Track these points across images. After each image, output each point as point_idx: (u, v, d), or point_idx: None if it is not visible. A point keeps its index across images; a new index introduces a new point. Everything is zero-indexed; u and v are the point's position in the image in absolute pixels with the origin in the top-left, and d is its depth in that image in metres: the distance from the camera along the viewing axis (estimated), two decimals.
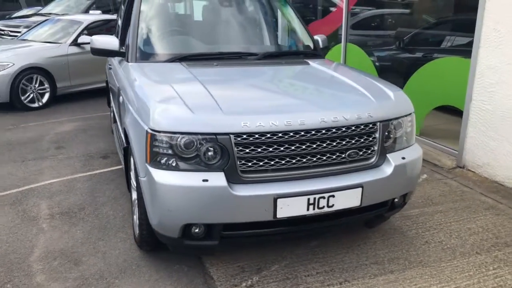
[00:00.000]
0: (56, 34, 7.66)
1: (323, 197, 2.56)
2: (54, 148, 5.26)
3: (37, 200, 3.83)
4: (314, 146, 2.60)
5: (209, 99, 2.65)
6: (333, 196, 2.58)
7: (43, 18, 9.69)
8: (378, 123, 2.76)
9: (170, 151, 2.47)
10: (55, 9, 11.53)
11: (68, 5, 11.54)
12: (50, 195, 3.94)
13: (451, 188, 4.23)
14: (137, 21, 3.69)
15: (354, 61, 6.57)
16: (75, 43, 7.36)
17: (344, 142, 2.67)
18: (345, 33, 6.67)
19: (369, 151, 2.78)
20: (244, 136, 2.48)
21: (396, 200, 2.99)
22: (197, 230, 2.56)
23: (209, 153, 2.47)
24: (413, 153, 2.95)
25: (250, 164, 2.51)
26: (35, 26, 8.40)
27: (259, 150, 2.51)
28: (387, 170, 2.78)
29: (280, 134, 2.53)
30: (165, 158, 2.48)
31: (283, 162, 2.56)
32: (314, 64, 3.62)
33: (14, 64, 6.74)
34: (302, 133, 2.57)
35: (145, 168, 2.55)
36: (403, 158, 2.85)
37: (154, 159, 2.50)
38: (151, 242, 2.88)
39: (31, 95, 7.01)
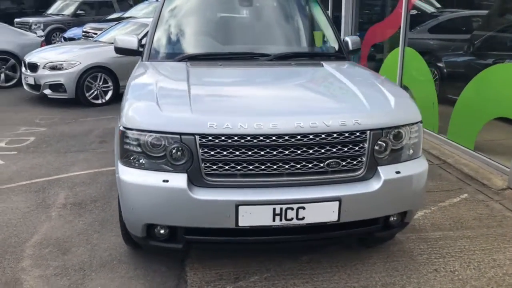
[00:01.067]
0: None
1: (291, 208, 2.36)
2: (97, 142, 5.55)
3: (59, 190, 4.05)
4: (287, 152, 2.41)
5: (185, 99, 2.58)
6: (303, 208, 2.37)
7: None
8: (368, 131, 2.49)
9: (139, 149, 2.44)
10: (137, 13, 12.26)
11: (149, 9, 12.19)
12: (72, 185, 4.15)
13: (491, 211, 3.71)
14: (156, 21, 3.74)
15: (411, 66, 6.09)
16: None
17: (323, 151, 2.44)
18: (403, 37, 6.21)
19: (355, 162, 2.51)
20: (210, 138, 2.37)
21: (393, 219, 2.68)
22: (162, 231, 2.50)
23: (177, 153, 2.40)
24: (413, 167, 2.62)
25: (215, 167, 2.40)
26: (108, 28, 8.99)
27: (225, 153, 2.38)
28: (374, 184, 2.49)
29: (248, 138, 2.38)
30: (134, 156, 2.46)
31: (251, 167, 2.40)
32: (328, 66, 3.39)
33: (81, 62, 7.26)
34: (274, 138, 2.39)
35: (117, 165, 2.55)
36: (398, 172, 2.54)
37: (125, 157, 2.49)
38: (131, 239, 2.88)
39: (95, 92, 7.49)
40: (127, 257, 2.99)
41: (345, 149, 2.47)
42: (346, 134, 2.47)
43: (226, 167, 2.40)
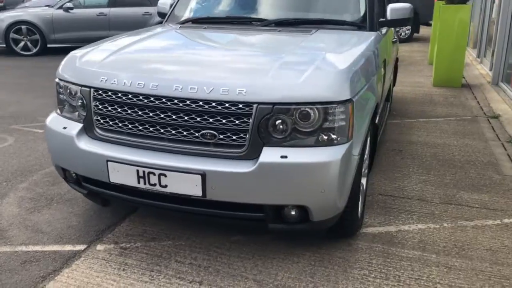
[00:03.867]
0: None
1: (153, 173, 2.26)
2: None
3: None
4: (162, 116, 2.30)
5: (108, 54, 2.67)
6: (164, 175, 2.24)
7: None
8: (255, 105, 2.16)
9: (64, 97, 2.68)
10: None
11: None
12: None
13: None
14: None
15: None
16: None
17: (198, 119, 2.24)
18: None
19: (235, 137, 2.22)
20: (100, 92, 2.43)
21: (289, 212, 2.29)
22: (73, 175, 2.71)
23: (80, 104, 2.55)
24: (313, 155, 2.16)
25: (103, 121, 2.46)
26: None
27: (110, 108, 2.42)
28: (250, 165, 2.17)
29: (130, 96, 2.36)
30: (63, 104, 2.71)
31: (135, 127, 2.38)
32: (315, 35, 2.96)
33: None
34: (152, 98, 2.31)
35: None
36: (284, 157, 2.14)
37: (58, 104, 2.76)
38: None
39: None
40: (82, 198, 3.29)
41: (224, 121, 2.20)
42: (227, 105, 2.19)
43: (113, 123, 2.43)
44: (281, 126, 2.18)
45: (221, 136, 2.22)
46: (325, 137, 2.20)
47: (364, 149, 2.55)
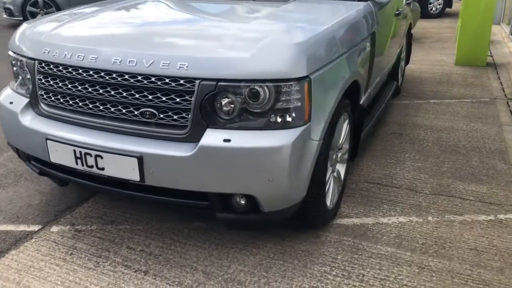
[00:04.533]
0: None
1: (90, 154, 2.08)
2: None
3: None
4: (101, 91, 2.10)
5: (57, 24, 2.48)
6: (100, 156, 2.06)
7: None
8: (197, 81, 1.93)
9: (16, 71, 2.52)
10: None
11: None
12: None
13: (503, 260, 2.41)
14: None
15: None
16: None
17: (137, 96, 2.03)
18: None
19: (176, 117, 2.00)
20: (43, 64, 2.26)
21: (237, 201, 2.07)
22: (24, 153, 2.57)
23: (27, 77, 2.39)
24: (259, 139, 1.92)
25: (46, 96, 2.29)
26: None
27: (52, 82, 2.24)
28: (191, 148, 1.95)
29: (70, 69, 2.17)
30: (16, 78, 2.56)
31: (77, 103, 2.20)
32: (296, 3, 2.67)
33: None
34: (91, 72, 2.11)
35: None
36: (227, 140, 1.91)
37: (14, 78, 2.61)
38: None
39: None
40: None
41: (164, 98, 1.99)
42: (167, 80, 1.97)
43: (55, 99, 2.26)
44: (227, 106, 1.95)
45: (162, 116, 2.01)
46: (278, 119, 1.96)
47: (332, 133, 2.28)
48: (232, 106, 1.95)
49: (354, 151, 2.95)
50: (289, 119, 1.96)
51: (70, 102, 2.20)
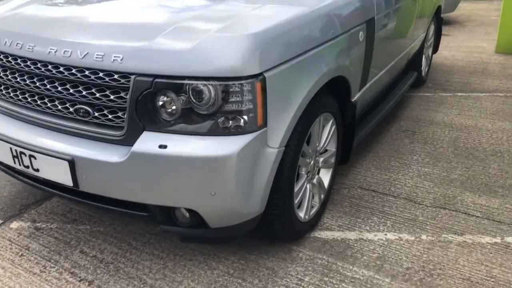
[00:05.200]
0: None
1: (24, 154, 1.89)
2: None
3: None
4: (38, 84, 1.89)
5: (6, 10, 2.28)
6: (34, 157, 1.86)
7: None
8: (133, 76, 1.67)
9: None
10: None
11: None
12: None
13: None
14: None
15: None
16: None
17: (72, 91, 1.80)
18: None
19: (111, 116, 1.76)
20: None
21: (181, 214, 1.83)
22: None
23: None
24: (198, 146, 1.65)
25: None
26: None
27: None
28: (123, 153, 1.71)
29: (9, 58, 1.97)
30: None
31: (15, 96, 2.00)
32: None
33: None
34: (29, 63, 1.90)
35: None
36: (163, 146, 1.66)
37: None
38: None
39: None
40: None
41: (98, 95, 1.75)
42: (101, 75, 1.72)
43: None
44: (167, 106, 1.68)
45: (96, 114, 1.78)
46: (226, 124, 1.68)
47: (301, 138, 1.97)
48: (174, 106, 1.68)
49: (346, 154, 2.62)
50: (239, 123, 1.68)
51: (11, 94, 2.01)
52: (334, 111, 2.29)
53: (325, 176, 2.44)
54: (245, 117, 1.68)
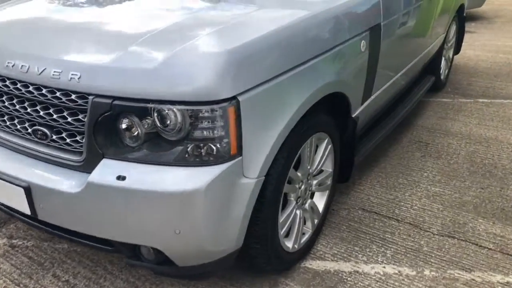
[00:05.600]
0: None
1: None
2: None
3: None
4: (6, 103, 1.72)
5: None
6: None
7: None
8: (91, 97, 1.49)
9: None
10: None
11: None
12: None
13: None
14: None
15: None
16: None
17: (29, 110, 1.63)
18: None
19: (68, 140, 1.58)
20: None
21: (146, 250, 1.64)
22: None
23: None
24: (161, 178, 1.46)
25: None
26: None
27: None
28: (80, 183, 1.53)
29: None
30: None
31: None
32: None
33: None
34: None
35: None
36: (121, 178, 1.47)
37: None
38: None
39: None
40: None
41: (56, 116, 1.57)
42: (58, 94, 1.55)
43: None
44: (129, 132, 1.49)
45: (54, 137, 1.60)
46: (195, 152, 1.48)
47: (287, 165, 1.76)
48: (136, 131, 1.49)
49: (347, 173, 2.39)
50: (209, 152, 1.48)
51: None
52: (330, 130, 2.07)
53: (320, 200, 2.22)
54: (217, 145, 1.47)
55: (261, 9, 1.89)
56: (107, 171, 1.49)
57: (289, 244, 1.99)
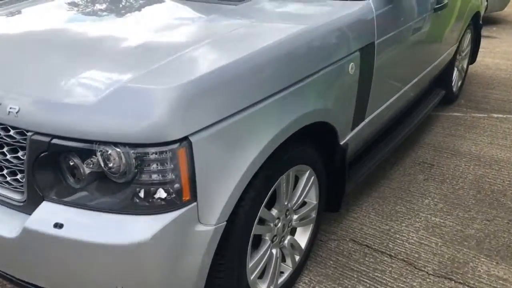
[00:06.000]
0: None
1: None
2: None
3: None
4: None
5: None
6: None
7: None
8: (29, 134, 1.34)
9: None
10: None
11: None
12: None
13: None
14: None
15: None
16: None
17: None
18: None
19: (8, 179, 1.44)
20: None
21: None
22: None
23: None
24: (102, 228, 1.30)
25: None
26: None
27: None
28: (18, 228, 1.39)
29: None
30: None
31: None
32: (256, 5, 1.93)
33: None
34: None
35: None
36: (58, 226, 1.32)
37: None
38: None
39: None
40: None
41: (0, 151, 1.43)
42: None
43: None
44: (72, 172, 1.34)
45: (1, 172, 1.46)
46: (142, 197, 1.31)
47: (256, 206, 1.58)
48: (78, 172, 1.33)
49: (337, 203, 2.21)
50: (158, 198, 1.31)
51: None
52: (312, 161, 1.88)
53: (302, 235, 2.04)
54: (167, 190, 1.31)
55: (231, 31, 1.71)
56: (45, 217, 1.34)
57: (263, 286, 1.82)
